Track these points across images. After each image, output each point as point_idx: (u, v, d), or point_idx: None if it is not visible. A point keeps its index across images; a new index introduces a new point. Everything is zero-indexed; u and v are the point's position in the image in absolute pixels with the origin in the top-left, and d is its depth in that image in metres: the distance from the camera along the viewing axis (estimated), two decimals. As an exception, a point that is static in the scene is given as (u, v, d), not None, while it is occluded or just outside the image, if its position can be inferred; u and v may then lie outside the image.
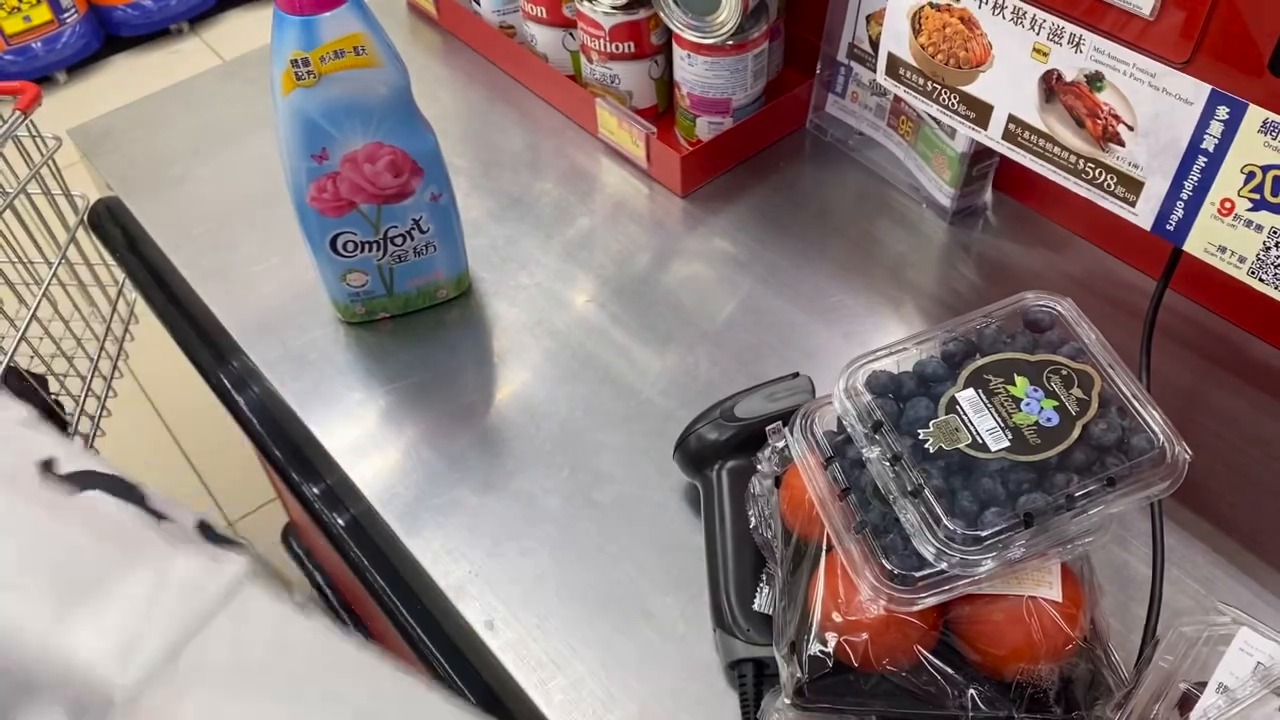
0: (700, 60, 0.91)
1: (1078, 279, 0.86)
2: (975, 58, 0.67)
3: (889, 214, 0.94)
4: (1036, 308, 0.61)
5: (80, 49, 2.77)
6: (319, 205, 0.76)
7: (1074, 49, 0.61)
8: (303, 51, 0.69)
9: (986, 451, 0.54)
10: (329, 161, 0.73)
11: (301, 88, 0.70)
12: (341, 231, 0.78)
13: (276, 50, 0.70)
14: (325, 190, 0.75)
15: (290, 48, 0.69)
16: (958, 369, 0.58)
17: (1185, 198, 0.60)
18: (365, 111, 0.72)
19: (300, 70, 0.69)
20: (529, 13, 1.02)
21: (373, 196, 0.76)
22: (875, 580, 0.54)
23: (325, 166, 0.74)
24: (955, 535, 0.52)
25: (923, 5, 0.68)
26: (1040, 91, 0.64)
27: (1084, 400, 0.56)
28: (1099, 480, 0.54)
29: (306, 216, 0.77)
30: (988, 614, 0.56)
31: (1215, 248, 0.60)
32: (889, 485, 0.55)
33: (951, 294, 0.87)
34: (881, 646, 0.56)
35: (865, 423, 0.57)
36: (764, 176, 0.98)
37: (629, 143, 0.97)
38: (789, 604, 0.59)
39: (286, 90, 0.71)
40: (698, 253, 0.92)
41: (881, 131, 0.96)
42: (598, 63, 0.98)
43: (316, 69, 0.69)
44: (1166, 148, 0.59)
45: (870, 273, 0.88)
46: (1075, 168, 0.65)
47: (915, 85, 0.72)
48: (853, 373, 0.59)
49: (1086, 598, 0.57)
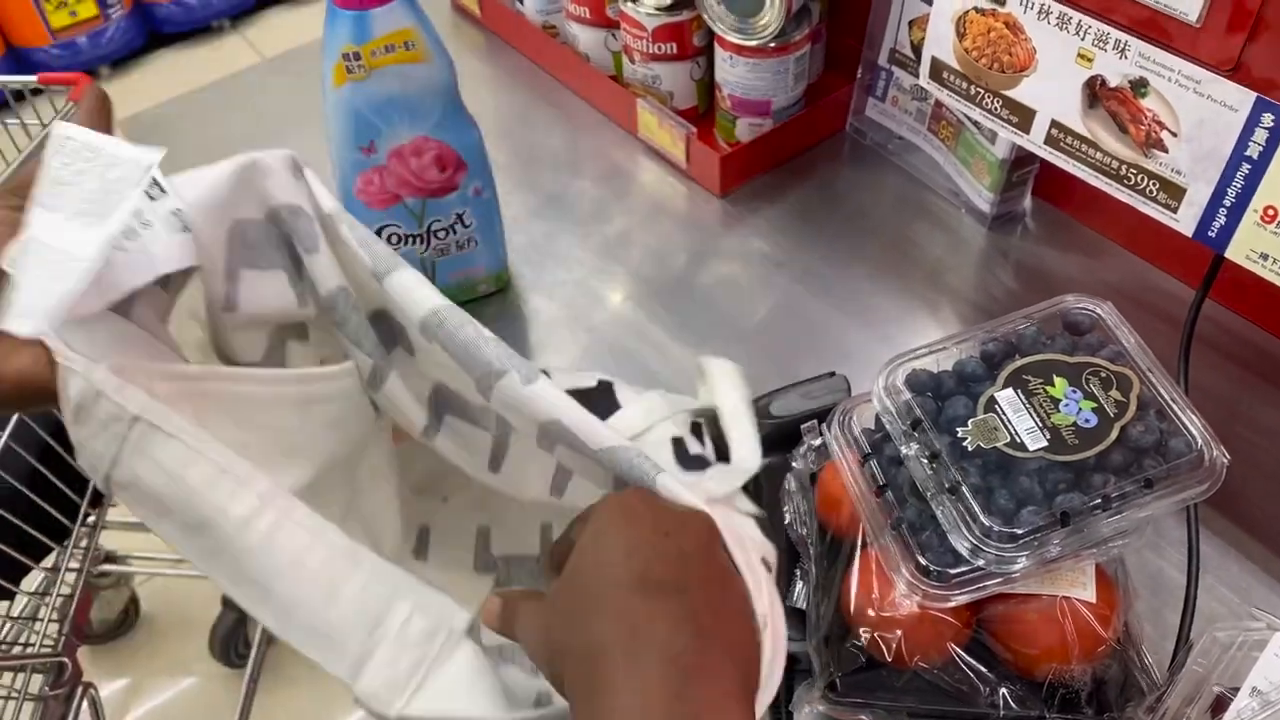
0: (742, 62, 0.92)
1: (1116, 286, 0.86)
2: (1019, 62, 0.67)
3: (927, 218, 0.94)
4: (1076, 310, 0.62)
5: (125, 44, 2.82)
6: (365, 198, 0.77)
7: (1119, 55, 0.61)
8: (354, 45, 0.70)
9: (1024, 451, 0.55)
10: (376, 155, 0.75)
11: (352, 81, 0.71)
12: (386, 224, 0.79)
13: (328, 44, 0.71)
14: (371, 183, 0.76)
15: (342, 41, 0.70)
16: (997, 369, 0.58)
17: (1228, 205, 0.60)
18: (413, 106, 0.73)
19: (351, 64, 0.71)
20: (572, 13, 1.03)
21: (418, 190, 0.78)
22: (910, 576, 0.55)
23: (372, 160, 0.75)
24: (991, 532, 0.53)
25: (968, 10, 0.68)
26: (1084, 97, 0.64)
27: (1122, 402, 0.56)
28: (1136, 481, 0.54)
29: (353, 209, 0.78)
30: (1021, 613, 0.56)
31: (1257, 255, 0.60)
32: (926, 482, 0.55)
33: (989, 299, 0.87)
34: (915, 643, 0.56)
35: (904, 420, 0.58)
36: (803, 178, 0.98)
37: (669, 143, 0.98)
38: (823, 599, 0.60)
39: (337, 83, 0.72)
40: (735, 253, 0.92)
41: (921, 136, 0.96)
42: (640, 63, 0.99)
43: (367, 63, 0.70)
44: (1210, 154, 0.59)
45: (907, 276, 0.89)
46: (1117, 173, 0.65)
47: (958, 89, 0.72)
48: (892, 370, 0.60)
49: (1120, 600, 0.57)
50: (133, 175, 0.43)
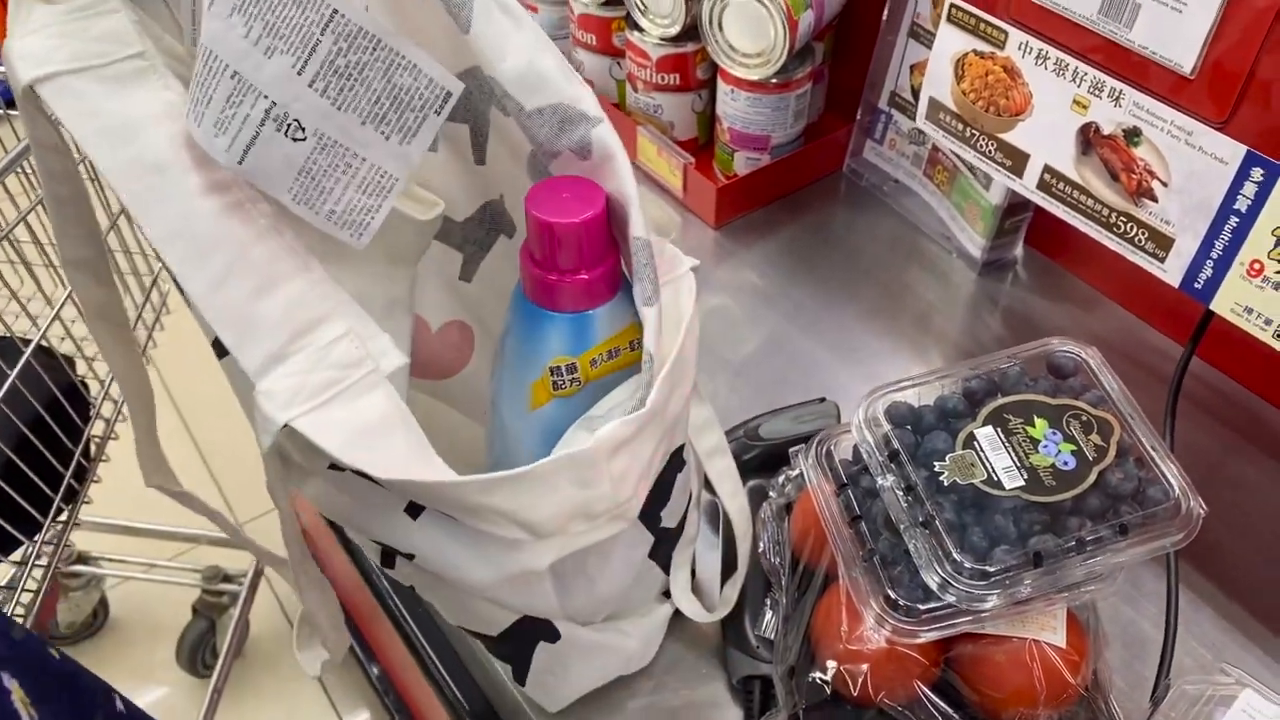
0: (743, 96, 0.92)
1: (1104, 338, 0.86)
2: (1015, 106, 0.67)
3: (919, 261, 0.94)
4: (1061, 353, 0.62)
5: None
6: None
7: (1114, 103, 0.61)
8: (570, 357, 0.51)
9: (1001, 489, 0.54)
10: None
11: (559, 398, 0.53)
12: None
13: (521, 356, 0.53)
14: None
15: (553, 353, 0.51)
16: (978, 406, 0.58)
17: (1215, 257, 0.60)
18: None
19: (563, 379, 0.52)
20: (578, 39, 1.04)
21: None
22: (880, 610, 0.54)
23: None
24: (963, 569, 0.52)
25: (967, 52, 0.69)
26: (1078, 143, 0.65)
27: (1102, 447, 0.56)
28: (1111, 527, 0.54)
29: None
30: (990, 654, 0.56)
31: (1242, 309, 0.60)
32: (901, 515, 0.55)
33: (976, 344, 0.87)
34: (881, 679, 0.55)
35: (882, 452, 0.57)
36: (797, 215, 0.99)
37: (667, 172, 0.98)
38: (791, 629, 0.59)
39: (537, 404, 0.53)
40: (726, 284, 0.93)
41: (917, 180, 0.97)
42: (642, 92, 0.99)
43: (584, 375, 0.52)
44: (1199, 206, 0.60)
45: (897, 317, 0.89)
46: (1107, 221, 0.65)
47: (954, 130, 0.73)
48: (873, 402, 0.60)
49: (1091, 647, 0.57)
50: (430, 98, 0.43)
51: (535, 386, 0.52)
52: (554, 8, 1.06)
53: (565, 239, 0.48)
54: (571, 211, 0.48)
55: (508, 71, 0.48)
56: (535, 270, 0.50)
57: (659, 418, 0.49)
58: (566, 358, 0.51)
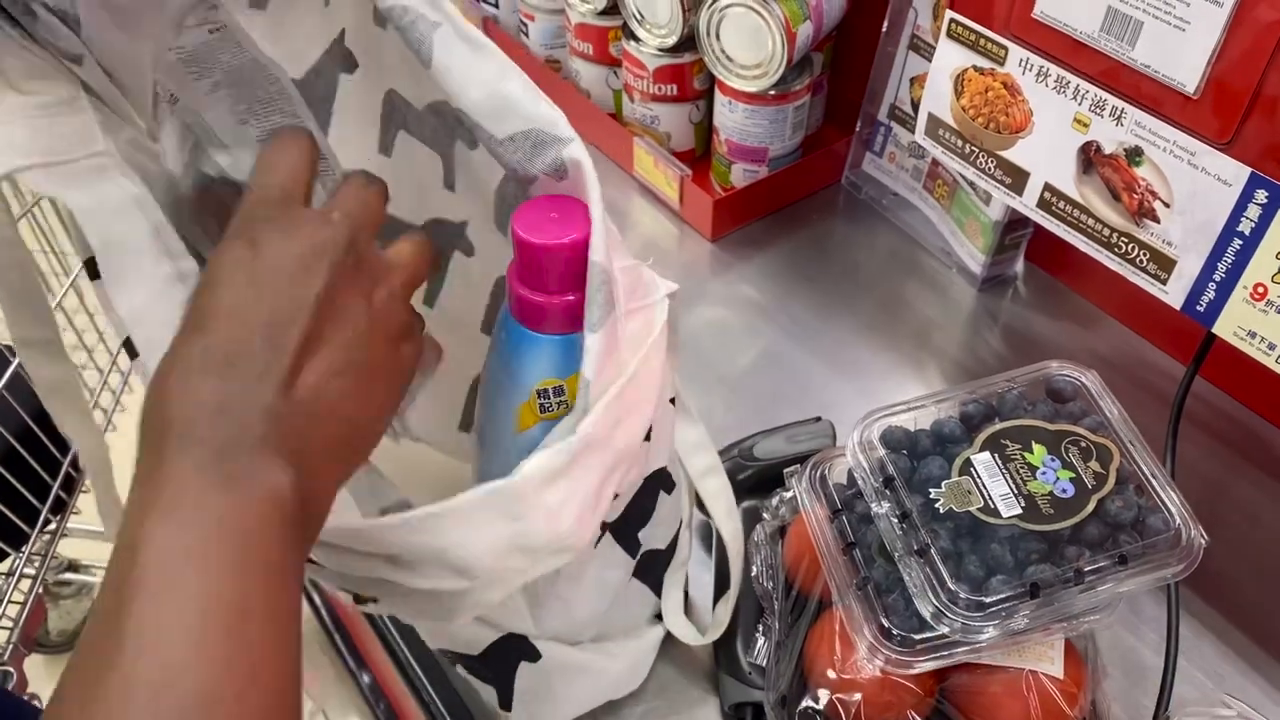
0: (741, 108, 0.91)
1: (1105, 357, 0.85)
2: (1015, 124, 0.66)
3: (918, 276, 0.93)
4: (1060, 377, 0.60)
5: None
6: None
7: (1115, 122, 0.60)
8: (558, 379, 0.50)
9: (998, 517, 0.53)
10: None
11: (545, 420, 0.51)
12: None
13: (510, 376, 0.52)
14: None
15: (538, 376, 0.50)
16: (975, 431, 0.57)
17: (1218, 279, 0.59)
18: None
19: (550, 401, 0.51)
20: (576, 49, 1.03)
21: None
22: (874, 639, 0.53)
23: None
24: (958, 599, 0.51)
25: (966, 68, 0.68)
26: (1078, 162, 0.63)
27: (1101, 474, 0.55)
28: (1111, 557, 0.53)
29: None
30: (985, 684, 0.55)
31: (1245, 332, 0.59)
32: (895, 543, 0.54)
33: (975, 361, 0.86)
34: (875, 708, 0.54)
35: (877, 477, 0.56)
36: (795, 228, 0.97)
37: (663, 183, 0.97)
38: (783, 656, 0.58)
39: (524, 426, 0.52)
40: (723, 297, 0.91)
41: (917, 194, 0.95)
42: (639, 103, 0.98)
43: (572, 398, 0.50)
44: (1202, 227, 0.59)
45: (895, 333, 0.88)
46: (1108, 241, 0.64)
47: (953, 147, 0.72)
48: (868, 426, 0.59)
49: (1089, 677, 0.56)
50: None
51: (522, 409, 0.51)
52: (551, 17, 1.05)
53: (552, 260, 0.47)
54: (558, 233, 0.47)
55: (474, 103, 0.47)
56: (523, 292, 0.48)
57: (600, 447, 0.47)
58: (554, 380, 0.50)
